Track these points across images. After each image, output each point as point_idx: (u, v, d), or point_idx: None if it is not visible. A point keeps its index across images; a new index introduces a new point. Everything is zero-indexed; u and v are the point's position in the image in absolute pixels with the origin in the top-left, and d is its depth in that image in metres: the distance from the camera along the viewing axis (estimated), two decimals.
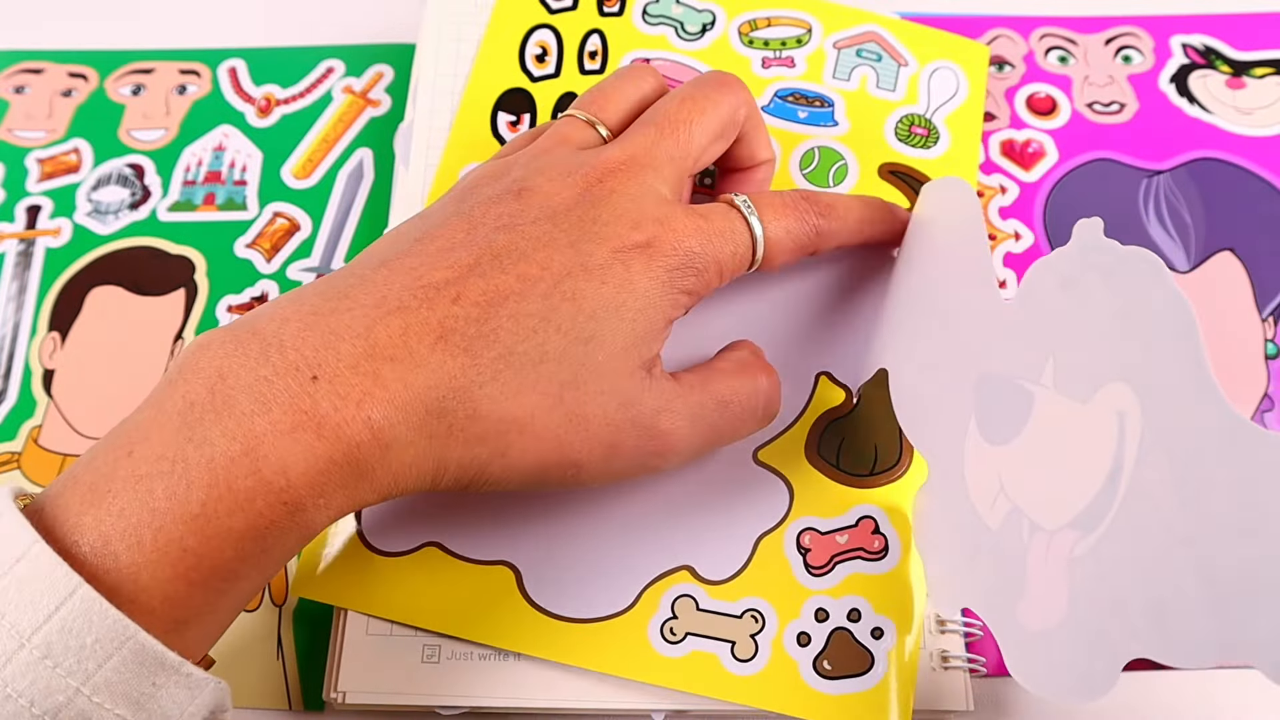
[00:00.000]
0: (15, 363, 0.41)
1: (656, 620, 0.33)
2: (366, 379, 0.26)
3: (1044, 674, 0.27)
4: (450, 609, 0.33)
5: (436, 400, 0.27)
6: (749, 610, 0.34)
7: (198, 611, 0.25)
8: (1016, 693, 0.35)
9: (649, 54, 0.43)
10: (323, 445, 0.25)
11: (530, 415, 0.28)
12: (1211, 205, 0.43)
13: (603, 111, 0.35)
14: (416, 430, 0.27)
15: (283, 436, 0.25)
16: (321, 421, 0.25)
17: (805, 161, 0.41)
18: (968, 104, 0.43)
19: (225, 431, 0.25)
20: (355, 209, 0.44)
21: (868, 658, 0.33)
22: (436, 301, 0.28)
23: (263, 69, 0.47)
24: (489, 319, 0.28)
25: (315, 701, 0.35)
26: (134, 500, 0.24)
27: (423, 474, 0.28)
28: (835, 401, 0.37)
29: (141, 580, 0.24)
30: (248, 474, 0.24)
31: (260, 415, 0.25)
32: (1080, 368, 0.27)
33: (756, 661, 0.33)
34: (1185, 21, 0.48)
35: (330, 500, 0.26)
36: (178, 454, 0.25)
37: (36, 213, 0.44)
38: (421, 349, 0.27)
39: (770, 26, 0.44)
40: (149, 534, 0.24)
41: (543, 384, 0.28)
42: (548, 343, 0.29)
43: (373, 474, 0.26)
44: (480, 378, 0.28)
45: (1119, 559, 0.25)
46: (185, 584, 0.24)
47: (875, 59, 0.43)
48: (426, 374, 0.27)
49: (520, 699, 0.33)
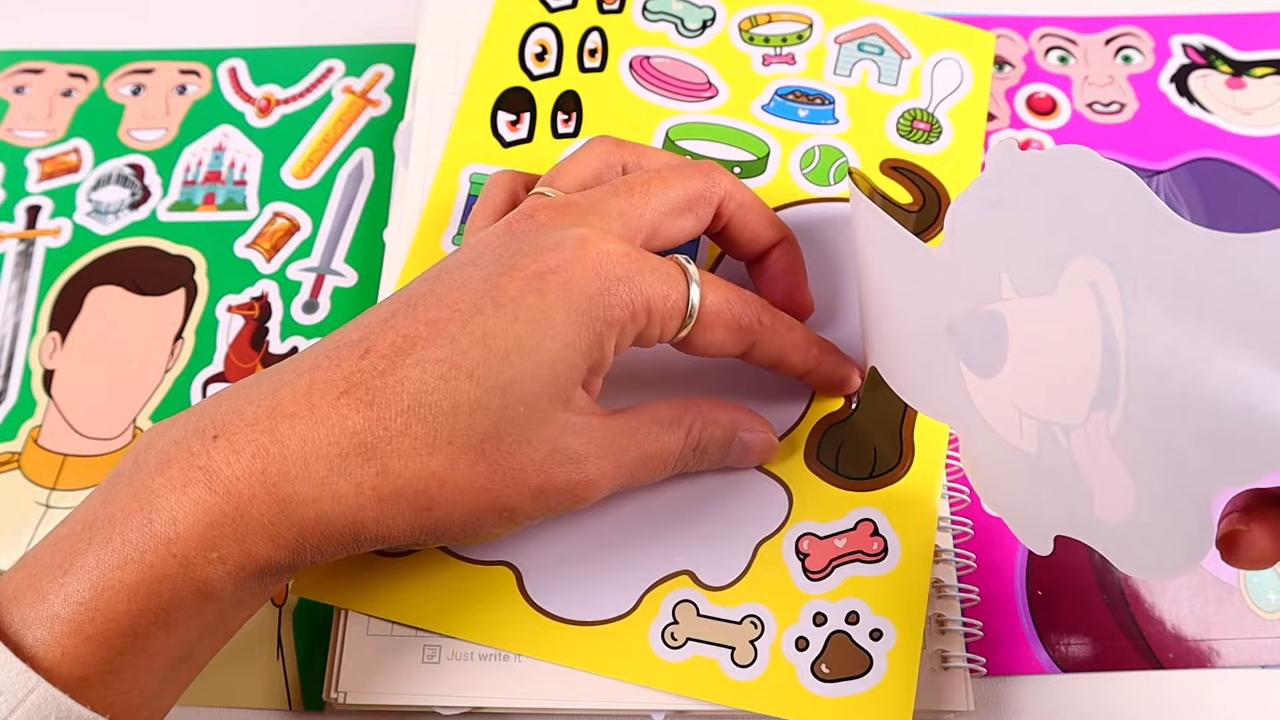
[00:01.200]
0: (15, 363, 0.41)
1: (658, 625, 0.33)
2: (264, 435, 0.26)
3: (1153, 558, 0.26)
4: (451, 609, 0.33)
5: (338, 456, 0.26)
6: (748, 616, 0.34)
7: (99, 669, 0.25)
8: (1016, 693, 0.35)
9: (649, 51, 0.43)
10: (213, 499, 0.25)
11: (450, 469, 0.27)
12: (1211, 205, 0.43)
13: (557, 181, 0.34)
14: (318, 487, 0.26)
15: (175, 491, 0.26)
16: (213, 476, 0.26)
17: (806, 160, 0.41)
18: (972, 95, 0.43)
19: (130, 491, 0.26)
20: (355, 209, 0.44)
21: (866, 659, 0.33)
22: (345, 358, 0.27)
23: (263, 69, 0.47)
24: (394, 370, 0.27)
25: (315, 701, 0.35)
26: (48, 558, 0.25)
27: (336, 532, 0.27)
28: (834, 406, 0.37)
29: (38, 634, 0.24)
30: (140, 527, 0.25)
31: (160, 473, 0.26)
32: (1035, 265, 0.27)
33: (756, 667, 0.33)
34: (1185, 21, 0.48)
35: (225, 554, 0.26)
36: (93, 515, 0.26)
37: (36, 213, 0.44)
38: (324, 405, 0.27)
39: (771, 22, 0.44)
40: (51, 588, 0.25)
41: (460, 436, 0.27)
42: (459, 391, 0.27)
43: (271, 530, 0.26)
44: (387, 433, 0.27)
45: (1153, 410, 0.25)
46: (81, 639, 0.24)
47: (877, 52, 0.43)
48: (327, 429, 0.26)
49: (520, 699, 0.33)
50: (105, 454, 0.39)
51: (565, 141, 0.41)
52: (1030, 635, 0.36)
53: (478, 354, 0.27)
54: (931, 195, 0.41)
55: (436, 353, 0.27)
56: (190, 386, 0.40)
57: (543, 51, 0.43)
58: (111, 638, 0.25)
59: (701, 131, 0.41)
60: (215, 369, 0.40)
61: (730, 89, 0.42)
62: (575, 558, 0.34)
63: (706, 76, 0.43)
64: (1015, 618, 0.36)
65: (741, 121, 0.42)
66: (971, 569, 0.36)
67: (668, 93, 0.42)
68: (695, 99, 0.42)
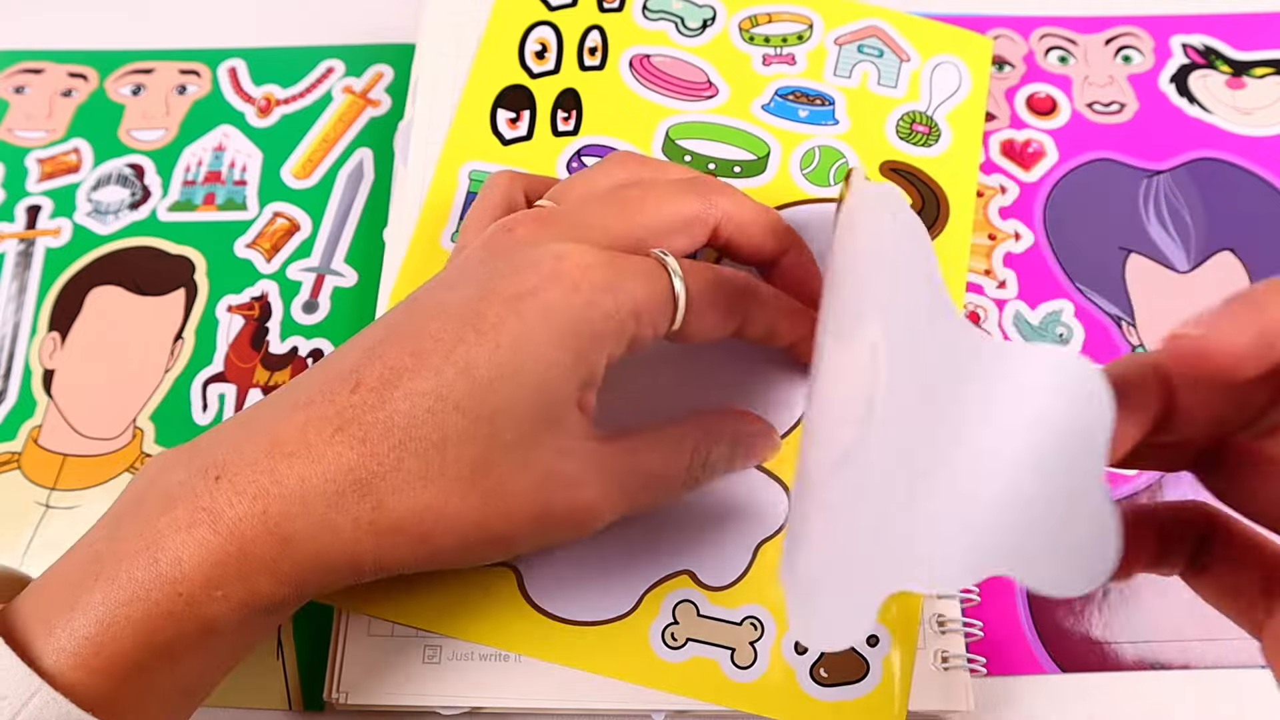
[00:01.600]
0: (15, 363, 0.41)
1: (658, 625, 0.33)
2: (264, 476, 0.27)
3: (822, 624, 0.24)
4: (452, 610, 0.33)
5: (335, 494, 0.27)
6: (749, 618, 0.34)
7: (103, 699, 0.25)
8: (1016, 693, 0.35)
9: (649, 50, 0.43)
10: (217, 539, 0.26)
11: (443, 501, 0.27)
12: (1211, 205, 0.43)
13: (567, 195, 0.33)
14: (318, 524, 0.27)
15: (180, 532, 0.26)
16: (217, 517, 0.26)
17: (805, 161, 0.41)
18: (970, 100, 0.43)
19: (136, 530, 0.26)
20: (355, 209, 0.44)
21: (863, 665, 0.33)
22: (338, 392, 0.28)
23: (263, 69, 0.47)
24: (384, 404, 0.27)
25: (315, 702, 0.35)
26: (55, 592, 0.26)
27: (336, 566, 0.27)
28: None
29: (44, 664, 0.25)
30: (146, 566, 0.26)
31: (164, 514, 0.26)
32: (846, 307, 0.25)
33: (755, 669, 0.33)
34: (1185, 21, 0.48)
35: (229, 592, 0.26)
36: (99, 551, 0.27)
37: (36, 213, 0.44)
38: (319, 443, 0.27)
39: (771, 22, 0.44)
40: (58, 622, 0.25)
41: (450, 468, 0.27)
42: (447, 423, 0.27)
43: (274, 567, 0.27)
44: (381, 468, 0.27)
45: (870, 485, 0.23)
46: (86, 671, 0.25)
47: (877, 55, 0.43)
48: (323, 468, 0.27)
49: (520, 699, 0.33)
50: (105, 454, 0.39)
51: (565, 139, 0.41)
52: (1030, 635, 0.36)
53: (463, 386, 0.27)
54: (930, 197, 0.41)
55: (423, 384, 0.27)
56: (190, 386, 0.40)
57: (543, 49, 0.43)
58: (115, 671, 0.25)
59: (701, 131, 0.41)
60: (215, 369, 0.40)
61: (730, 88, 0.42)
62: (576, 558, 0.34)
63: (706, 76, 0.43)
64: (1015, 618, 0.36)
65: (742, 121, 0.42)
66: None
67: (668, 92, 0.42)
68: (695, 98, 0.42)
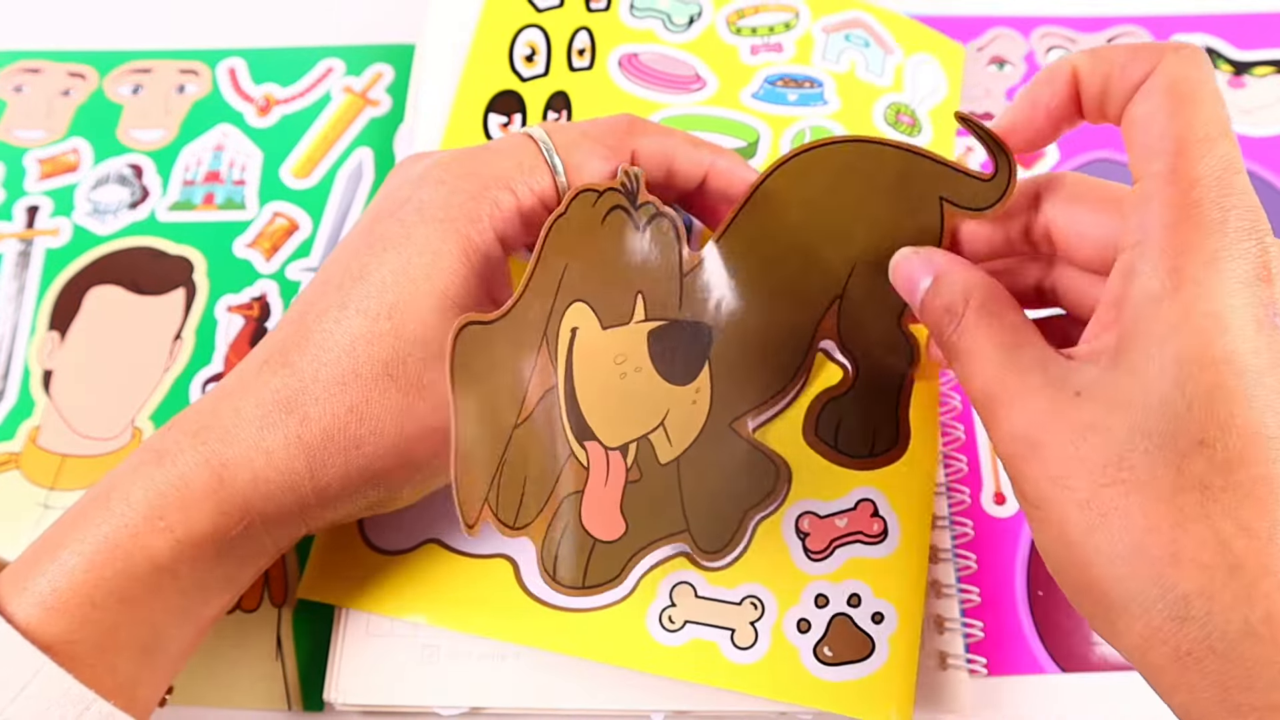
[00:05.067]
0: (14, 363, 0.41)
1: (655, 608, 0.33)
2: (205, 415, 0.29)
3: None
4: (450, 604, 0.33)
5: (263, 416, 0.29)
6: (748, 597, 0.33)
7: (61, 639, 0.26)
8: (1016, 693, 0.35)
9: (637, 48, 0.43)
10: (160, 473, 0.28)
11: (364, 400, 0.29)
12: None
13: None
14: (251, 448, 0.28)
15: (132, 472, 0.28)
16: (161, 455, 0.28)
17: (796, 141, 0.41)
18: (947, 101, 0.44)
19: (99, 487, 0.28)
20: (355, 209, 0.44)
21: (868, 643, 0.33)
22: (274, 335, 0.30)
23: (262, 69, 0.47)
24: (305, 332, 0.29)
25: (315, 702, 0.35)
26: (30, 552, 0.28)
27: (274, 492, 0.29)
28: (833, 380, 0.36)
29: (17, 619, 0.26)
30: (99, 508, 0.28)
31: (127, 464, 0.29)
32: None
33: (756, 649, 0.33)
34: (1185, 21, 0.48)
35: (171, 522, 0.27)
36: (70, 514, 0.28)
37: (36, 212, 0.44)
38: (249, 375, 0.29)
39: (758, 13, 0.44)
40: (28, 574, 0.27)
41: (364, 368, 0.29)
42: (352, 327, 0.29)
43: (214, 496, 0.28)
44: (301, 383, 0.29)
45: None
46: (43, 609, 0.26)
47: (863, 44, 0.44)
48: (253, 395, 0.29)
49: (520, 699, 0.33)
50: (104, 454, 0.39)
51: None
52: (1030, 635, 0.36)
53: (359, 290, 0.29)
54: None
55: (328, 302, 0.30)
56: (189, 386, 0.40)
57: (531, 53, 0.42)
58: (69, 609, 0.26)
59: (691, 123, 0.41)
60: (215, 369, 0.40)
61: (719, 80, 0.42)
62: None
63: (695, 69, 0.43)
64: (1015, 618, 0.36)
65: (731, 110, 0.42)
66: (972, 569, 0.36)
67: (656, 86, 0.42)
68: (684, 91, 0.42)
